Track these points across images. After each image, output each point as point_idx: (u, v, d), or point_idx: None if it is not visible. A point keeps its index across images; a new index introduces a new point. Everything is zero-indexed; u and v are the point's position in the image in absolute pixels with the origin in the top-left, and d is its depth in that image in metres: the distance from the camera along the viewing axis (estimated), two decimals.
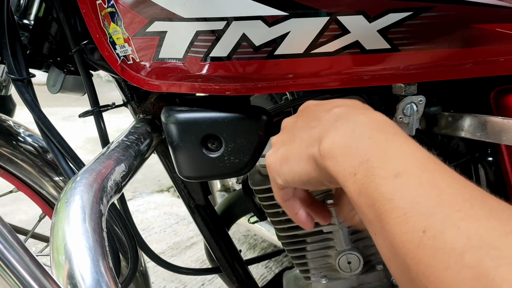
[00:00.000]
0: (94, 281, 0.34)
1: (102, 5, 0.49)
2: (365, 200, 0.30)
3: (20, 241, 0.36)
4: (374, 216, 0.29)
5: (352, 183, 0.31)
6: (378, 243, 0.29)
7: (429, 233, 0.24)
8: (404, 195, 0.27)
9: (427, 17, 0.43)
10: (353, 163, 0.32)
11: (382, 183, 0.29)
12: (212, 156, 0.51)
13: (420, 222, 0.25)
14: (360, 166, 0.31)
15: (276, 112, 0.60)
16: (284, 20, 0.42)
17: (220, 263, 0.73)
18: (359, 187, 0.31)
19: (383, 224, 0.28)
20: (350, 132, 0.34)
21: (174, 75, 0.48)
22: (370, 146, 0.32)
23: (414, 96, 0.49)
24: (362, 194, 0.30)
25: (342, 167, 0.32)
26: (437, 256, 0.23)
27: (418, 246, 0.24)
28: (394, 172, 0.29)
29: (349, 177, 0.32)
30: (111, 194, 0.44)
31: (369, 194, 0.29)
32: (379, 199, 0.28)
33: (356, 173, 0.31)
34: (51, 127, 0.58)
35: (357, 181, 0.31)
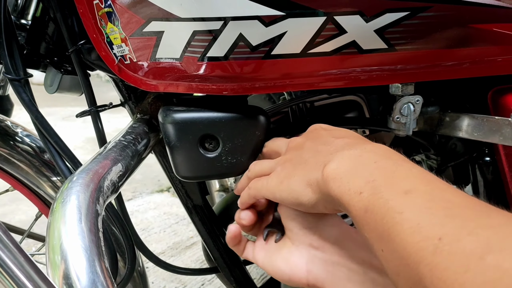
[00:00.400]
0: (89, 281, 0.34)
1: (99, 5, 0.49)
2: (372, 216, 0.29)
3: (15, 241, 0.36)
4: (382, 230, 0.28)
5: (358, 201, 0.31)
6: (386, 259, 0.28)
7: (445, 240, 0.24)
8: (415, 208, 0.27)
9: (424, 17, 0.43)
10: (359, 183, 0.32)
11: (391, 199, 0.29)
12: (209, 156, 0.51)
13: (435, 231, 0.25)
14: (366, 185, 0.31)
15: (274, 112, 0.60)
16: (281, 20, 0.42)
17: (218, 263, 0.73)
18: (365, 204, 0.30)
19: (392, 237, 0.27)
20: (356, 157, 0.35)
21: (171, 75, 0.48)
22: (377, 168, 0.32)
23: (411, 96, 0.49)
24: (368, 211, 0.30)
25: (347, 187, 0.32)
26: (455, 260, 0.23)
27: (434, 253, 0.24)
28: (403, 190, 0.29)
29: (354, 195, 0.31)
30: (108, 194, 0.44)
31: (377, 209, 0.29)
32: (388, 213, 0.28)
33: (362, 191, 0.31)
34: (48, 127, 0.57)
35: (363, 199, 0.31)
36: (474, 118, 0.51)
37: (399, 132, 0.52)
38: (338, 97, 0.59)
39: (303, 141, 0.43)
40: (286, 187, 0.39)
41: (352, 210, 0.32)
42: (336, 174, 0.34)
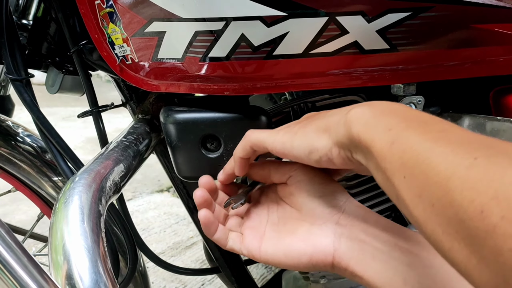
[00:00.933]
0: (92, 281, 0.34)
1: (100, 5, 0.49)
2: (400, 146, 0.28)
3: (18, 241, 0.36)
4: (409, 158, 0.27)
5: (385, 136, 0.30)
6: (407, 184, 0.27)
7: (481, 159, 0.23)
8: (451, 140, 0.26)
9: (426, 17, 0.43)
10: (388, 122, 0.31)
11: (425, 133, 0.28)
12: (211, 156, 0.51)
13: (470, 153, 0.24)
14: (397, 125, 0.30)
15: (275, 112, 0.60)
16: (283, 20, 0.42)
17: (219, 263, 0.73)
18: (393, 138, 0.29)
19: (420, 161, 0.26)
20: (382, 105, 0.34)
21: (173, 75, 0.48)
22: (409, 115, 0.31)
23: (413, 96, 0.49)
24: (396, 142, 0.29)
25: (374, 126, 0.31)
26: (492, 170, 0.22)
27: (469, 167, 0.23)
28: (437, 130, 0.28)
29: (381, 132, 0.30)
30: (110, 194, 0.44)
31: (406, 141, 0.28)
32: (418, 142, 0.27)
33: (391, 128, 0.30)
34: (50, 127, 0.58)
35: (392, 134, 0.30)
36: (476, 118, 0.51)
37: None
38: (340, 98, 0.59)
39: (305, 117, 0.42)
40: (300, 135, 0.38)
41: (375, 144, 0.30)
42: (362, 116, 0.33)
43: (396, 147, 0.29)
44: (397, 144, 0.29)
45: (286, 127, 0.41)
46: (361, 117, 0.33)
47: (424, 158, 0.26)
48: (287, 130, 0.40)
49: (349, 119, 0.33)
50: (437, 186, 0.24)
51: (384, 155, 0.30)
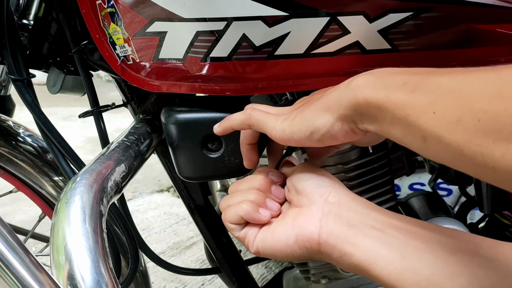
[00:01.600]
0: (94, 281, 0.34)
1: (102, 5, 0.49)
2: (423, 90, 0.28)
3: (20, 241, 0.36)
4: (437, 95, 0.27)
5: (400, 89, 0.30)
6: (440, 116, 0.27)
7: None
8: (473, 77, 0.26)
9: (427, 18, 0.43)
10: (400, 78, 0.30)
11: (448, 74, 0.28)
12: (212, 157, 0.51)
13: (498, 84, 0.24)
14: (411, 77, 0.30)
15: None
16: (284, 21, 0.42)
17: (220, 263, 0.73)
18: (412, 87, 0.29)
19: (454, 92, 0.26)
20: (388, 70, 0.33)
21: (174, 75, 0.48)
22: (418, 70, 0.31)
23: None
24: (417, 89, 0.29)
25: (384, 86, 0.31)
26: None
27: (510, 83, 0.24)
28: (458, 71, 0.28)
29: (394, 88, 0.30)
30: (111, 194, 0.44)
31: (431, 83, 0.28)
32: (447, 81, 0.27)
33: (407, 82, 0.30)
34: (51, 127, 0.58)
35: (409, 86, 0.29)
36: None
37: None
38: None
39: (311, 95, 0.41)
40: (298, 120, 0.37)
41: (390, 99, 0.30)
42: (367, 81, 0.32)
43: (419, 92, 0.29)
44: (420, 90, 0.29)
45: (284, 113, 0.40)
46: (365, 83, 0.32)
47: (458, 90, 0.26)
48: (285, 116, 0.39)
49: (352, 88, 0.33)
50: (484, 100, 0.25)
51: (404, 103, 0.29)
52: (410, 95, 0.29)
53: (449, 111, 0.26)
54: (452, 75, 0.28)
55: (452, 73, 0.28)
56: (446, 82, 0.28)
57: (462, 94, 0.26)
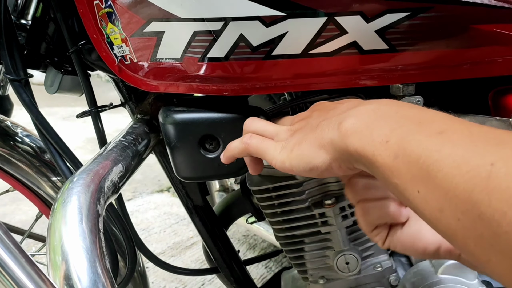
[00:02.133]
0: (90, 282, 0.34)
1: (99, 5, 0.49)
2: (404, 159, 0.27)
3: (16, 242, 0.36)
4: (418, 171, 0.26)
5: (385, 149, 0.29)
6: (424, 199, 0.26)
7: (499, 164, 0.22)
8: (455, 144, 0.25)
9: (425, 18, 0.43)
10: (383, 132, 0.29)
11: (426, 140, 0.26)
12: (210, 157, 0.51)
13: (485, 159, 0.23)
14: (392, 133, 0.29)
15: (274, 113, 0.60)
16: (281, 21, 0.42)
17: (218, 263, 0.73)
18: (394, 151, 0.28)
19: (433, 174, 0.25)
20: (374, 110, 0.32)
21: (172, 75, 0.48)
22: (401, 117, 0.30)
23: (412, 97, 0.49)
24: (399, 156, 0.27)
25: (370, 138, 0.30)
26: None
27: (488, 178, 0.22)
28: (436, 131, 0.27)
29: (379, 145, 0.29)
30: (109, 194, 0.44)
31: (410, 152, 0.27)
32: (424, 153, 0.26)
33: (389, 140, 0.29)
34: (49, 127, 0.58)
35: (391, 146, 0.28)
36: (475, 119, 0.51)
37: None
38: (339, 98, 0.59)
39: (309, 112, 0.41)
40: (296, 153, 0.37)
41: (377, 159, 0.29)
42: (355, 128, 0.32)
43: (401, 161, 0.27)
44: (401, 158, 0.27)
45: (282, 137, 0.40)
46: (353, 131, 0.32)
47: (437, 171, 0.25)
48: (284, 145, 0.39)
49: (342, 135, 0.32)
50: (460, 200, 0.23)
51: (390, 170, 0.28)
52: (393, 161, 0.28)
53: (431, 197, 0.25)
54: (431, 142, 0.26)
55: (430, 137, 0.27)
56: (424, 155, 0.26)
57: (442, 182, 0.24)
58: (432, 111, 0.30)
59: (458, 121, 0.28)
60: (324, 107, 0.40)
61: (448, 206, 0.24)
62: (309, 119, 0.40)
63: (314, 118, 0.39)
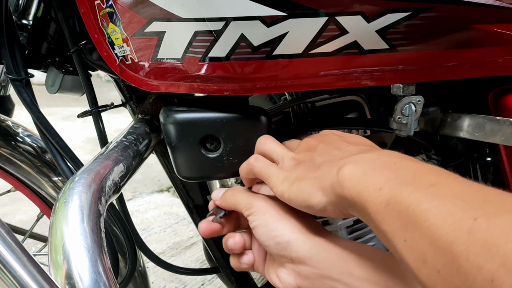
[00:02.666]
0: (92, 281, 0.34)
1: (100, 5, 0.49)
2: (395, 207, 0.28)
3: (18, 241, 0.36)
4: (407, 220, 0.27)
5: (377, 196, 0.30)
6: (409, 248, 0.27)
7: (481, 219, 0.23)
8: (444, 197, 0.26)
9: (426, 18, 0.43)
10: (378, 180, 0.31)
11: (417, 191, 0.28)
12: (210, 157, 0.51)
13: (469, 214, 0.23)
14: (387, 182, 0.30)
15: (275, 113, 0.60)
16: (282, 20, 0.42)
17: (219, 263, 0.73)
18: (386, 198, 0.29)
19: (420, 224, 0.26)
20: (373, 159, 0.34)
21: (173, 75, 0.48)
22: (398, 168, 0.31)
23: (413, 96, 0.49)
24: (390, 203, 0.29)
25: (365, 185, 0.31)
26: (495, 234, 0.22)
27: (469, 231, 0.23)
28: (429, 183, 0.28)
29: (373, 192, 0.30)
30: (110, 194, 0.44)
31: (401, 201, 0.28)
32: (414, 202, 0.27)
33: (382, 187, 0.30)
34: (50, 127, 0.58)
35: (384, 194, 0.29)
36: (475, 118, 0.51)
37: (401, 132, 0.52)
38: (339, 98, 0.59)
39: (315, 143, 0.42)
40: (296, 188, 0.39)
41: (370, 206, 0.30)
42: (352, 175, 0.33)
43: (391, 209, 0.29)
44: (392, 205, 0.29)
45: (289, 165, 0.42)
46: (350, 178, 0.33)
47: (423, 220, 0.26)
48: (287, 175, 0.41)
49: (340, 180, 0.34)
50: (441, 252, 0.24)
51: (381, 217, 0.29)
52: (384, 208, 0.29)
53: (416, 247, 0.26)
54: (422, 194, 0.27)
55: (422, 189, 0.28)
56: (414, 205, 0.27)
57: (427, 232, 0.25)
58: (429, 165, 0.32)
59: (452, 177, 0.29)
60: (332, 142, 0.42)
61: (430, 257, 0.25)
62: (314, 154, 0.41)
63: (318, 154, 0.41)
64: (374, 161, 0.34)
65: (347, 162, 0.35)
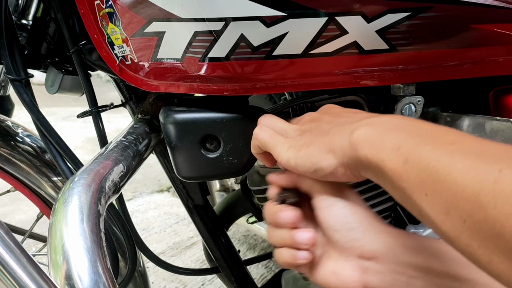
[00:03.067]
0: (91, 281, 0.34)
1: (100, 6, 0.49)
2: (415, 165, 0.28)
3: (17, 241, 0.36)
4: (428, 175, 0.27)
5: (396, 155, 0.29)
6: (431, 202, 0.27)
7: (506, 171, 0.23)
8: (465, 153, 0.26)
9: (425, 18, 0.43)
10: (396, 140, 0.30)
11: (437, 148, 0.27)
12: (210, 157, 0.51)
13: (493, 166, 0.23)
14: (405, 141, 0.29)
15: (275, 113, 0.60)
16: (282, 21, 0.42)
17: (219, 263, 0.73)
18: (405, 156, 0.29)
19: (442, 178, 0.26)
20: (387, 121, 0.33)
21: (173, 75, 0.48)
22: (415, 128, 0.31)
23: (413, 97, 0.49)
24: (409, 161, 0.28)
25: (381, 145, 0.31)
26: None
27: (496, 181, 0.23)
28: (448, 142, 0.28)
29: (390, 151, 0.30)
30: (109, 194, 0.44)
31: (421, 158, 0.28)
32: (435, 159, 0.27)
33: (400, 147, 0.29)
34: (49, 127, 0.58)
35: (403, 153, 0.29)
36: (475, 119, 0.51)
37: None
38: (339, 98, 0.59)
39: (319, 115, 0.41)
40: (303, 154, 0.37)
41: (386, 164, 0.30)
42: (368, 136, 0.32)
43: (410, 166, 0.28)
44: (411, 163, 0.28)
45: (292, 134, 0.41)
46: (366, 139, 0.32)
47: (446, 174, 0.26)
48: (292, 143, 0.39)
49: (354, 142, 0.33)
50: (466, 202, 0.24)
51: (399, 174, 0.29)
52: (403, 166, 0.29)
53: (438, 200, 0.26)
54: (442, 151, 0.27)
55: (442, 146, 0.27)
56: (434, 160, 0.27)
57: (450, 185, 0.25)
58: (445, 127, 0.31)
59: (470, 136, 0.29)
60: (336, 113, 0.41)
61: (455, 208, 0.25)
62: (319, 123, 0.40)
63: (325, 122, 0.40)
64: (389, 123, 0.33)
65: (360, 125, 0.34)
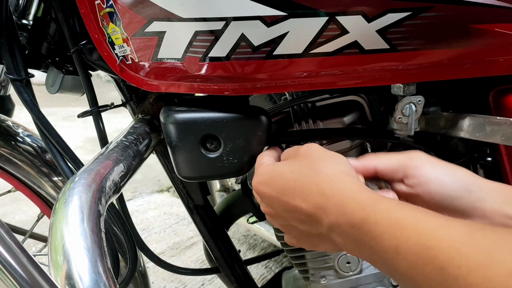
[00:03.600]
0: (92, 281, 0.34)
1: (100, 5, 0.49)
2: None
3: (18, 241, 0.36)
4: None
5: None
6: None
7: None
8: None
9: (426, 17, 0.43)
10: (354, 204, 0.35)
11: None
12: (211, 156, 0.51)
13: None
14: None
15: (275, 112, 0.60)
16: (283, 20, 0.42)
17: (219, 263, 0.73)
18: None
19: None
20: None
21: (173, 75, 0.48)
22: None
23: (413, 96, 0.49)
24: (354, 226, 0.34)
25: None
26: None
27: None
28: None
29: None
30: (110, 194, 0.44)
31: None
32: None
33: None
34: (50, 127, 0.58)
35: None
36: (476, 118, 0.51)
37: (401, 132, 0.52)
38: (340, 97, 0.59)
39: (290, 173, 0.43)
40: (304, 245, 0.43)
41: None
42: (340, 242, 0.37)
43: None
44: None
45: (276, 212, 0.43)
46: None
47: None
48: (290, 237, 0.44)
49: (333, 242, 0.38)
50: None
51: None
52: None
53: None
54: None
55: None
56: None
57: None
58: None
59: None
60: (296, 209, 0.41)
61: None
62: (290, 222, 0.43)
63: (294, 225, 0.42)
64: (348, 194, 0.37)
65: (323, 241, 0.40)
